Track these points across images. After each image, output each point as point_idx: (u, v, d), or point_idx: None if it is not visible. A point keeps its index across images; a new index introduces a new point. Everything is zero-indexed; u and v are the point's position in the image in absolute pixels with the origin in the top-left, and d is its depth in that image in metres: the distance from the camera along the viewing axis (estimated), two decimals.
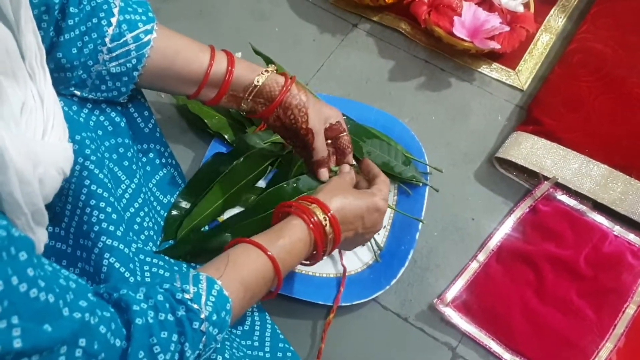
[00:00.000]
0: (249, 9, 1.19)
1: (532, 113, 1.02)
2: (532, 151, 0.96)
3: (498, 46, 1.04)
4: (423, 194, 0.93)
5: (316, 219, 0.68)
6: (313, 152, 0.78)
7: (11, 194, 0.43)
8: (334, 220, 0.69)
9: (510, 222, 0.93)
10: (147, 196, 0.81)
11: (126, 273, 0.69)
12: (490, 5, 1.08)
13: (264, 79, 0.75)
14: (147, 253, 0.77)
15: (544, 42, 1.13)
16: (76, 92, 0.70)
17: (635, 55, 1.05)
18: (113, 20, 0.67)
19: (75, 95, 0.70)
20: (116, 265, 0.68)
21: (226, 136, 0.96)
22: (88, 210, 0.68)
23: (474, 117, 1.05)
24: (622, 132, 0.98)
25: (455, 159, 1.01)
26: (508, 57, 1.10)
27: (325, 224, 0.69)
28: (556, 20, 1.16)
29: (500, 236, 0.92)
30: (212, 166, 0.89)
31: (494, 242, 0.92)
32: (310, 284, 0.86)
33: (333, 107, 0.81)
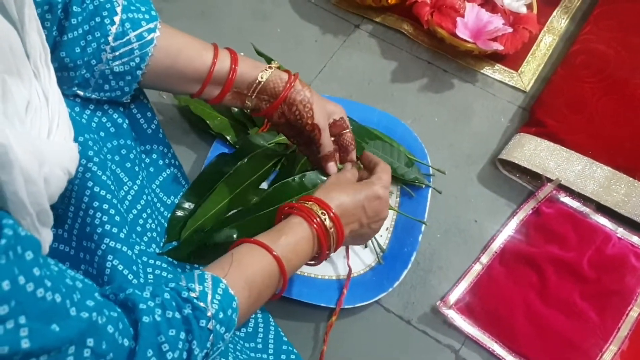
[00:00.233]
0: (250, 10, 1.19)
1: (535, 114, 1.01)
2: (535, 153, 0.96)
3: (501, 47, 1.04)
4: (426, 196, 0.93)
5: (317, 218, 0.68)
6: (320, 148, 0.78)
7: (16, 193, 0.43)
8: (334, 215, 0.69)
9: (513, 224, 0.93)
10: (150, 197, 0.81)
11: (129, 275, 0.68)
12: (493, 7, 1.08)
13: (267, 75, 0.74)
14: (151, 255, 0.77)
15: (546, 44, 1.13)
16: (79, 92, 0.69)
17: (638, 57, 1.05)
18: (116, 19, 0.67)
19: (78, 96, 0.70)
20: (119, 267, 0.67)
21: (228, 137, 0.96)
22: (91, 212, 0.67)
23: (476, 119, 1.05)
24: (625, 134, 0.97)
25: (457, 161, 1.00)
26: (511, 59, 1.10)
27: (325, 218, 0.68)
28: (559, 22, 1.16)
29: (503, 238, 0.92)
30: (216, 167, 0.89)
31: (497, 244, 0.91)
32: (312, 286, 0.86)
33: (336, 104, 0.81)
